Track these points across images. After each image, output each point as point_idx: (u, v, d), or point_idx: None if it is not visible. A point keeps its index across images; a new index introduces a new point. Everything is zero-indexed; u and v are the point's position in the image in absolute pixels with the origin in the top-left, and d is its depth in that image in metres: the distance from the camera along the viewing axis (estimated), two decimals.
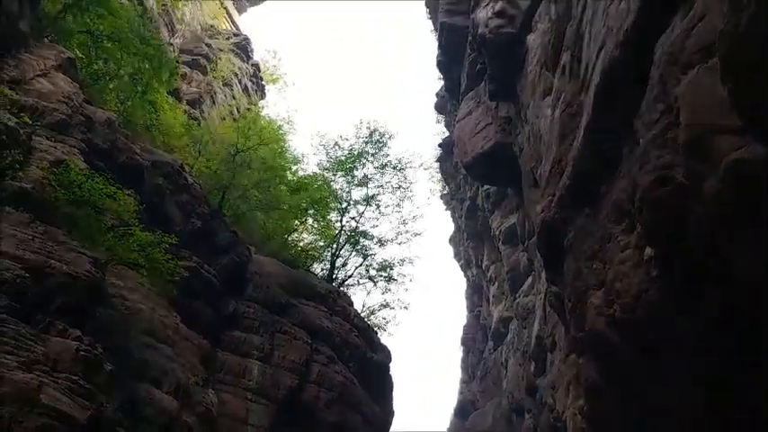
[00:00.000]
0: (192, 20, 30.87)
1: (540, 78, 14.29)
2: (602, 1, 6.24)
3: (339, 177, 28.66)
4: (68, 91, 14.20)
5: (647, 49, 4.99)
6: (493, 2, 17.19)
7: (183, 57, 28.01)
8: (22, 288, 9.66)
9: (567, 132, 7.76)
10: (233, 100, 30.70)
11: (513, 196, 21.88)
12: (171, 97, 22.58)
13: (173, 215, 16.95)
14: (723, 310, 5.17)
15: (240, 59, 33.90)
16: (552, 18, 12.54)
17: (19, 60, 13.88)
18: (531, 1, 15.63)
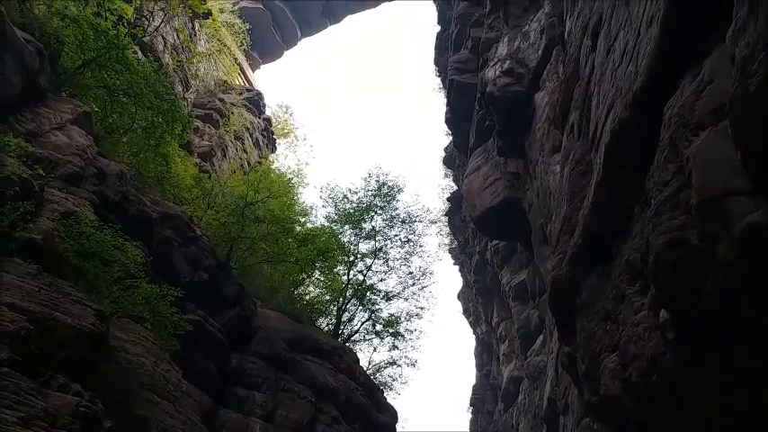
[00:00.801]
0: (206, 75, 31.72)
1: (548, 135, 14.44)
2: (609, 63, 6.33)
3: (347, 230, 28.70)
4: (83, 144, 14.44)
5: (656, 110, 5.00)
6: (501, 61, 17.57)
7: (197, 111, 28.64)
8: (26, 340, 9.53)
9: (577, 190, 7.73)
10: (244, 153, 31.17)
11: (523, 252, 21.73)
12: (183, 150, 22.94)
13: (180, 267, 16.91)
14: (743, 372, 4.99)
15: (252, 114, 34.62)
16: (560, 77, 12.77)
17: (36, 114, 14.19)
18: (539, 61, 15.98)
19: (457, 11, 24.72)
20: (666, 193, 4.50)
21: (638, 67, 5.14)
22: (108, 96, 17.63)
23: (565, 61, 12.34)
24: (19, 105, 13.73)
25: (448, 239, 39.67)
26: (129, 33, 20.16)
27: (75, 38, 16.58)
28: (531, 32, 16.82)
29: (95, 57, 16.67)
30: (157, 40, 24.97)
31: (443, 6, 29.69)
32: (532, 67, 16.29)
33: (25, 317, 9.74)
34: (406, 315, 28.02)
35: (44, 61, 14.40)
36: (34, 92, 14.15)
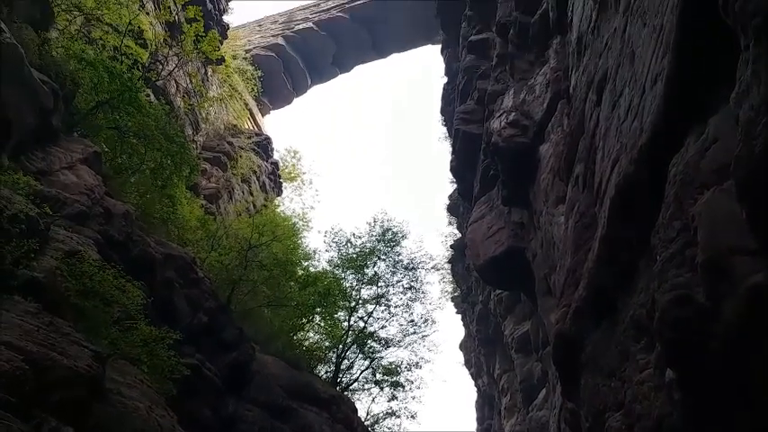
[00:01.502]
0: (216, 119, 32.28)
1: (552, 186, 14.51)
2: (614, 119, 6.41)
3: (349, 275, 28.55)
4: (91, 183, 14.58)
5: (661, 166, 5.04)
6: (506, 113, 17.83)
7: (205, 153, 29.02)
8: (21, 381, 9.37)
9: (581, 243, 7.72)
10: (250, 196, 31.38)
11: (527, 302, 21.51)
12: (189, 192, 23.12)
13: (181, 309, 16.78)
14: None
15: (260, 157, 35.06)
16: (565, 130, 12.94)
17: (47, 153, 14.40)
18: (544, 113, 16.22)
19: (464, 63, 25.26)
20: (672, 250, 4.48)
21: (643, 123, 5.21)
22: (119, 137, 17.91)
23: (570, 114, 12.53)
24: (31, 144, 13.95)
25: (451, 287, 39.39)
26: (143, 77, 20.64)
27: (91, 80, 16.97)
28: (537, 86, 17.12)
29: (109, 99, 17.02)
30: (170, 84, 25.53)
31: (450, 58, 30.36)
32: (537, 119, 16.51)
33: (22, 356, 9.61)
34: (407, 364, 27.58)
35: (58, 102, 14.70)
36: (47, 131, 14.40)
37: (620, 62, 6.71)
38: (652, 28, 5.34)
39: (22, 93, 13.11)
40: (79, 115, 16.86)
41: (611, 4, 7.91)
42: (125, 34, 20.11)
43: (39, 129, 14.00)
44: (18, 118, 13.10)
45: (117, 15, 20.16)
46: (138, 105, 17.51)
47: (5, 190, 11.35)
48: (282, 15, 47.22)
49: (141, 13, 23.03)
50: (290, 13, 46.92)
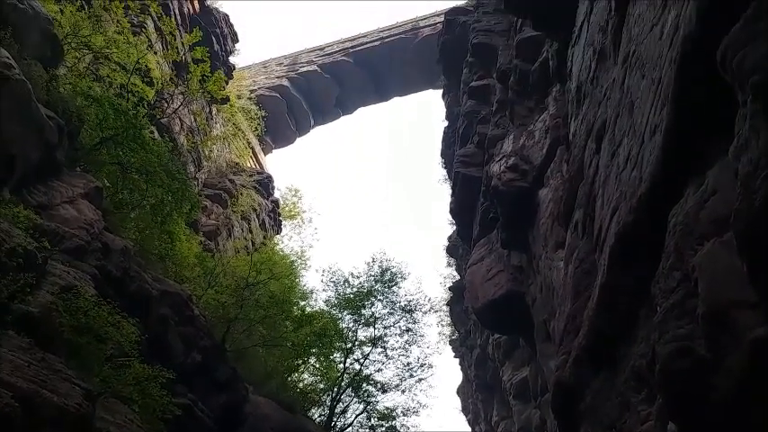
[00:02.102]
0: (218, 157, 32.55)
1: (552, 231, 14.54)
2: (614, 167, 6.48)
3: (346, 315, 28.25)
4: (90, 218, 14.59)
5: (661, 216, 5.06)
6: (506, 157, 18.01)
7: (206, 190, 29.14)
8: (11, 418, 9.17)
9: (581, 290, 7.69)
10: (249, 234, 31.37)
11: (525, 347, 21.26)
12: (189, 228, 23.11)
13: (175, 347, 16.56)
14: None
15: (261, 195, 35.20)
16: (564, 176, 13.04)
17: (49, 187, 14.45)
18: (543, 158, 16.39)
19: (464, 108, 25.65)
20: (672, 301, 4.46)
21: (643, 173, 5.26)
22: (121, 173, 18.01)
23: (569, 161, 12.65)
24: (34, 178, 14.02)
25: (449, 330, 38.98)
26: (148, 114, 20.91)
27: (96, 116, 17.18)
28: (536, 131, 17.35)
29: (113, 135, 17.19)
30: (174, 122, 25.84)
31: (451, 103, 30.85)
32: (537, 164, 16.67)
33: (11, 393, 9.43)
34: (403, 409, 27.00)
35: (63, 137, 14.84)
36: (50, 166, 14.49)
37: (618, 112, 6.82)
38: (651, 80, 5.45)
39: (28, 128, 13.25)
40: (83, 150, 16.99)
41: (609, 56, 8.09)
42: (132, 72, 20.46)
43: (42, 163, 14.10)
44: (22, 153, 13.21)
45: (125, 54, 20.56)
46: (142, 142, 17.66)
47: (5, 223, 11.35)
48: (288, 58, 48.16)
49: (149, 53, 23.49)
50: (296, 56, 47.86)
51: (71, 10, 19.16)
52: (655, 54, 5.44)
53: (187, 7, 30.57)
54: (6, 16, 14.24)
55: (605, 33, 8.16)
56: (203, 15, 32.03)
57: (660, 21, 5.28)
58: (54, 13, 17.41)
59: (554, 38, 14.39)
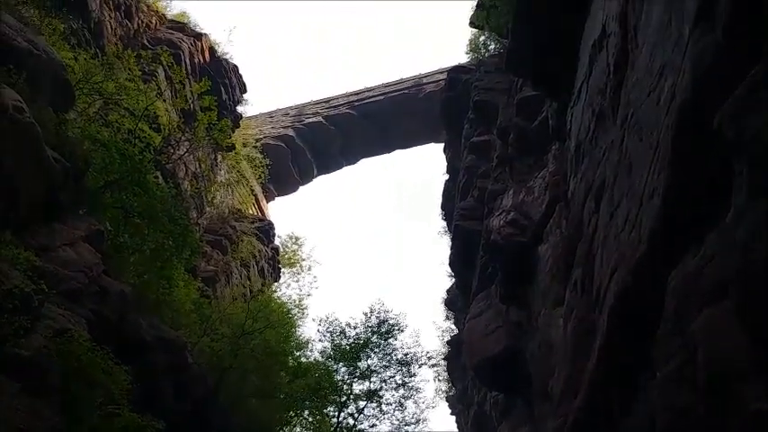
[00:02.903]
0: (221, 203, 32.75)
1: (551, 288, 14.47)
2: (612, 227, 6.53)
3: (341, 367, 27.75)
4: (90, 261, 14.57)
5: (660, 278, 5.07)
6: (506, 212, 18.13)
7: (207, 236, 29.17)
8: None
9: (580, 350, 7.61)
10: (248, 281, 31.22)
11: (524, 406, 20.79)
12: (188, 274, 23.02)
13: (166, 395, 16.23)
14: None
15: (261, 242, 35.21)
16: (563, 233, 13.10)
17: (51, 229, 14.49)
18: (542, 215, 16.48)
19: (465, 162, 25.99)
20: (672, 367, 4.42)
21: (641, 235, 5.30)
22: (123, 216, 18.09)
23: (568, 218, 12.74)
24: (37, 219, 14.08)
25: (446, 386, 38.19)
26: (154, 159, 21.17)
27: (103, 160, 17.39)
28: (536, 188, 17.52)
29: (118, 179, 17.36)
30: (179, 168, 26.13)
31: (452, 157, 31.27)
32: (536, 220, 16.76)
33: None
34: None
35: (69, 180, 14.99)
36: (54, 208, 14.57)
37: (617, 173, 6.92)
38: (648, 144, 5.56)
39: (35, 170, 13.40)
40: (87, 193, 17.12)
41: (608, 117, 8.27)
42: (141, 119, 20.84)
43: (46, 205, 14.19)
44: (27, 194, 13.33)
45: (135, 101, 21.00)
46: (146, 187, 17.82)
47: (4, 264, 11.33)
48: (294, 109, 49.11)
49: (158, 100, 24.00)
50: (302, 108, 48.82)
51: (85, 57, 19.70)
52: (652, 119, 5.58)
53: (198, 58, 31.41)
54: (21, 61, 14.62)
55: (604, 96, 8.37)
56: (213, 66, 32.86)
57: (657, 88, 5.43)
58: (68, 59, 17.89)
59: (553, 98, 14.72)
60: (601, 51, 8.72)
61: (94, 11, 23.66)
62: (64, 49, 18.20)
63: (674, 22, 5.09)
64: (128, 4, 27.65)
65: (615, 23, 7.89)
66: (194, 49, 31.17)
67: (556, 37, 12.03)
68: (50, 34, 18.19)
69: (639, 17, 6.44)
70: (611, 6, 8.30)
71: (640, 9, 6.55)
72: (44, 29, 17.97)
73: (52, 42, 17.47)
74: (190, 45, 30.75)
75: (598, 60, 9.04)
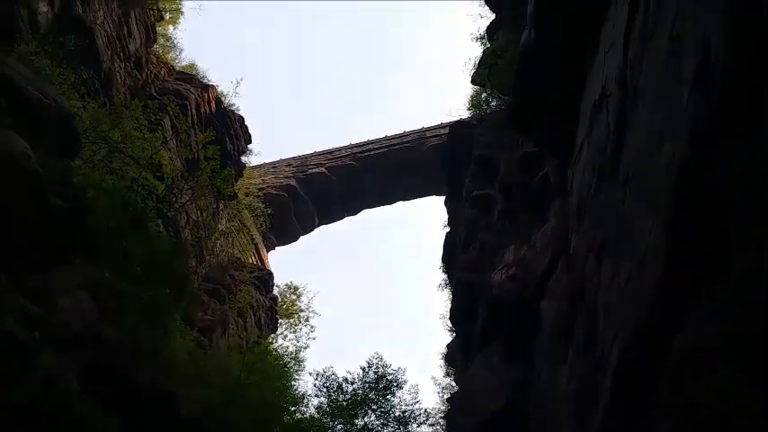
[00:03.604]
0: (221, 252, 32.70)
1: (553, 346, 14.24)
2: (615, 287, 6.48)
3: (338, 425, 27.02)
4: (86, 309, 14.44)
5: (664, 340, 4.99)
6: (507, 267, 18.04)
7: (205, 285, 28.99)
8: None
9: (583, 411, 7.42)
10: (244, 332, 30.82)
11: None
12: (184, 323, 22.75)
13: None
14: None
15: (260, 292, 34.97)
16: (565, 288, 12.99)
17: (49, 275, 14.43)
18: (545, 270, 16.39)
19: (466, 215, 26.06)
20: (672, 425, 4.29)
21: (644, 296, 5.25)
22: (123, 264, 18.02)
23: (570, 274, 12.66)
24: (36, 264, 14.04)
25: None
26: (156, 207, 21.28)
27: (105, 207, 17.47)
28: (538, 243, 17.49)
29: (119, 226, 17.39)
30: (181, 216, 26.23)
31: (453, 210, 31.41)
32: (538, 275, 16.65)
33: None
34: None
35: (70, 227, 15.02)
36: (53, 254, 14.56)
37: (619, 231, 6.92)
38: (649, 204, 5.58)
39: (36, 216, 13.46)
40: (88, 240, 17.11)
41: (609, 175, 8.33)
42: (145, 167, 21.07)
43: (46, 251, 14.18)
44: (27, 240, 13.34)
45: (140, 149, 21.28)
46: (147, 235, 17.83)
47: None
48: (297, 160, 49.73)
49: (163, 149, 24.33)
50: (305, 158, 49.45)
51: (93, 106, 20.10)
52: (652, 179, 5.61)
53: (204, 108, 32.02)
54: (31, 109, 14.91)
55: (605, 154, 8.46)
56: (219, 116, 33.47)
57: (657, 148, 5.50)
58: (77, 108, 18.25)
59: (555, 155, 14.90)
60: (601, 111, 8.87)
61: (106, 62, 24.29)
62: (73, 98, 18.59)
63: (672, 85, 5.19)
64: (138, 56, 28.41)
65: (615, 85, 8.06)
66: (201, 100, 31.81)
67: (557, 96, 12.28)
68: (61, 83, 18.62)
69: (638, 79, 6.59)
70: (610, 68, 8.50)
71: (639, 71, 6.70)
72: (55, 78, 18.40)
73: (62, 91, 17.86)
74: (197, 96, 31.40)
75: (598, 120, 9.19)
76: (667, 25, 5.50)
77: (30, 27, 19.68)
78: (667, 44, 5.51)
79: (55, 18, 21.07)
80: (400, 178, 45.67)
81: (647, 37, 6.29)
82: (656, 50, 5.91)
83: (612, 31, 8.60)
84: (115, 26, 25.85)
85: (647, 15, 6.45)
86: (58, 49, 19.64)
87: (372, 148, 47.13)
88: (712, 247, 4.72)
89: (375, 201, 49.05)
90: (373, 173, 46.07)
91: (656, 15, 6.02)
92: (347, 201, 47.96)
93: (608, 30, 9.18)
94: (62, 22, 21.13)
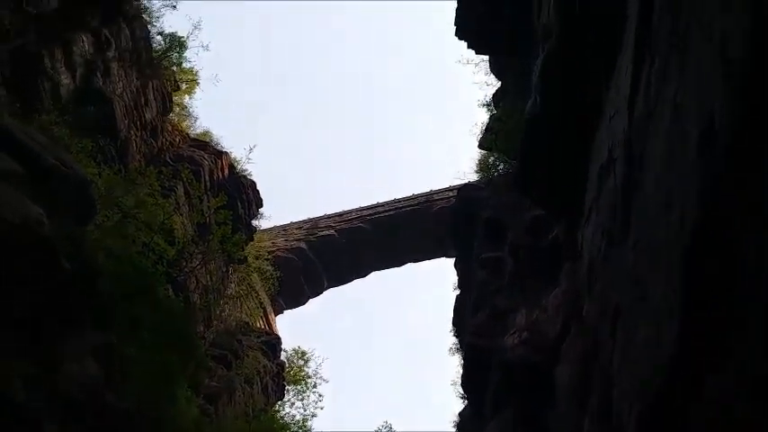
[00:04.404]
0: (229, 316, 32.49)
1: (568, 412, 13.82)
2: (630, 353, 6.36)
3: None
4: (93, 375, 14.26)
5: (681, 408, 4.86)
6: (519, 331, 17.78)
7: (213, 350, 28.65)
8: None
9: None
10: (251, 399, 30.18)
11: None
12: (189, 390, 22.35)
13: None
14: None
15: (267, 357, 34.46)
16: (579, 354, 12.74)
17: (57, 342, 14.35)
18: (557, 334, 16.11)
19: (477, 278, 25.89)
20: None
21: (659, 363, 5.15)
22: (131, 329, 17.92)
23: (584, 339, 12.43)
24: (45, 332, 13.99)
25: None
26: (166, 272, 21.35)
27: (115, 272, 17.54)
28: (549, 306, 17.28)
29: (128, 292, 17.42)
30: (190, 280, 26.26)
31: (463, 272, 31.25)
32: (551, 339, 16.37)
33: None
34: None
35: (80, 292, 15.05)
36: (63, 322, 14.52)
37: (632, 296, 6.85)
38: (661, 268, 5.56)
39: (48, 282, 13.52)
40: (97, 305, 17.10)
41: (619, 239, 8.33)
42: (156, 232, 21.30)
43: (55, 317, 14.15)
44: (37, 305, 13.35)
45: (152, 214, 21.58)
46: (157, 300, 17.82)
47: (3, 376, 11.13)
48: (307, 222, 50.11)
49: (176, 214, 24.66)
50: (316, 221, 49.83)
51: (108, 173, 20.56)
52: (663, 243, 5.61)
53: (217, 174, 32.65)
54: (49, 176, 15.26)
55: (614, 218, 8.49)
56: (232, 181, 34.08)
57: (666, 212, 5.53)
58: (93, 175, 18.66)
59: (563, 218, 14.95)
60: (609, 175, 8.97)
61: (122, 130, 25.03)
62: (90, 165, 19.05)
63: (679, 150, 5.28)
64: (154, 125, 29.28)
65: (621, 149, 8.18)
66: (214, 166, 32.49)
67: (563, 161, 12.45)
68: (79, 151, 19.13)
69: (644, 144, 6.70)
70: (616, 133, 8.66)
71: (644, 135, 6.82)
72: (74, 147, 18.94)
73: (80, 159, 18.33)
74: (210, 162, 32.09)
75: (606, 183, 9.28)
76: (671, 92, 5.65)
77: (51, 98, 20.45)
78: (671, 111, 5.64)
79: (76, 89, 21.91)
80: (409, 240, 45.79)
81: (652, 103, 6.45)
82: (660, 116, 6.04)
83: (617, 97, 8.81)
84: (133, 96, 26.79)
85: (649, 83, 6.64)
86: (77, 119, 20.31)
87: (381, 210, 47.52)
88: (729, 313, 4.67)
89: (384, 263, 48.97)
90: (382, 235, 46.26)
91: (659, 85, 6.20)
92: (356, 263, 47.93)
93: (612, 95, 9.41)
94: (82, 94, 21.95)
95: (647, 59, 6.76)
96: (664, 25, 6.12)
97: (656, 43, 6.42)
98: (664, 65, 6.03)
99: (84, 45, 23.15)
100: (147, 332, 17.84)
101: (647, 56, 6.82)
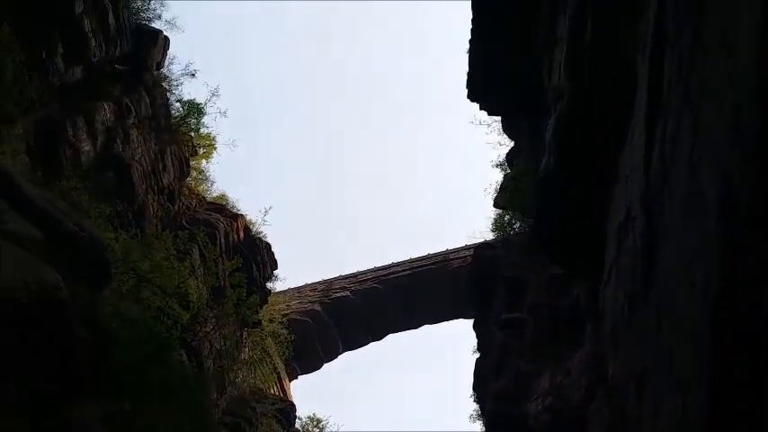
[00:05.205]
0: (242, 382, 31.88)
1: None
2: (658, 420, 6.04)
3: None
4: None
5: None
6: (542, 396, 17.18)
7: (226, 418, 27.97)
8: None
9: None
10: None
11: None
12: None
13: None
14: None
15: (281, 425, 33.59)
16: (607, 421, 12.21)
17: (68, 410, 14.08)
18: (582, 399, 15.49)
19: (497, 340, 25.29)
20: None
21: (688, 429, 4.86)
22: (144, 396, 17.59)
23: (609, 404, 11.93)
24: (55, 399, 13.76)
25: None
26: (180, 336, 21.14)
27: (130, 336, 17.39)
28: (573, 369, 16.73)
29: (141, 358, 17.20)
30: (204, 345, 25.95)
31: (483, 334, 30.55)
32: (575, 404, 15.76)
33: None
34: None
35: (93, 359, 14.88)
36: (74, 388, 14.30)
37: (657, 360, 6.57)
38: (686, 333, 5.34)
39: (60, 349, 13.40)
40: (110, 372, 16.87)
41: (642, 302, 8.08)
42: (171, 296, 21.24)
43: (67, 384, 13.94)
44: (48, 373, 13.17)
45: (168, 278, 21.59)
46: (171, 365, 17.56)
47: None
48: (322, 284, 49.88)
49: (191, 278, 24.66)
50: (330, 282, 49.59)
51: (125, 237, 20.75)
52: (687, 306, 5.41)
53: (232, 236, 32.84)
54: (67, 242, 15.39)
55: (635, 279, 8.27)
56: (247, 243, 34.23)
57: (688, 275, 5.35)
58: (110, 240, 18.82)
59: (582, 278, 14.67)
60: (628, 235, 8.81)
61: (140, 195, 25.45)
62: (107, 230, 19.25)
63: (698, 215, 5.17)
64: (171, 189, 29.77)
65: (639, 207, 8.06)
66: (230, 229, 32.72)
67: (579, 220, 12.31)
68: (97, 217, 19.39)
69: (662, 206, 6.58)
70: (633, 191, 8.55)
71: (662, 196, 6.70)
72: (92, 212, 19.21)
73: (98, 224, 18.55)
74: (226, 225, 32.35)
75: (625, 242, 9.10)
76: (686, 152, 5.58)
77: (72, 164, 20.95)
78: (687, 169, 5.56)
79: (96, 156, 22.47)
80: (425, 302, 45.21)
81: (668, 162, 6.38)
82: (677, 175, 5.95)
83: (632, 156, 8.76)
84: (151, 161, 27.40)
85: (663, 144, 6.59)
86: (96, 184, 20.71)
87: (397, 270, 47.19)
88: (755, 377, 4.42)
89: (400, 325, 48.24)
90: (398, 296, 45.78)
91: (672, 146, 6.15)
92: (372, 325, 47.27)
93: (627, 154, 9.36)
94: (102, 160, 22.49)
95: (661, 120, 6.74)
96: (675, 90, 6.12)
97: (669, 103, 6.41)
98: (677, 124, 5.99)
99: (105, 113, 23.92)
100: (160, 400, 17.48)
101: (660, 116, 6.81)
